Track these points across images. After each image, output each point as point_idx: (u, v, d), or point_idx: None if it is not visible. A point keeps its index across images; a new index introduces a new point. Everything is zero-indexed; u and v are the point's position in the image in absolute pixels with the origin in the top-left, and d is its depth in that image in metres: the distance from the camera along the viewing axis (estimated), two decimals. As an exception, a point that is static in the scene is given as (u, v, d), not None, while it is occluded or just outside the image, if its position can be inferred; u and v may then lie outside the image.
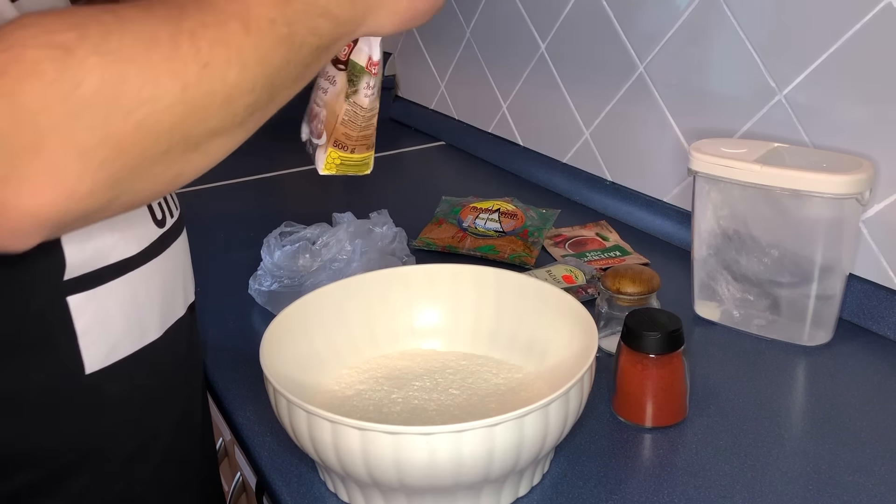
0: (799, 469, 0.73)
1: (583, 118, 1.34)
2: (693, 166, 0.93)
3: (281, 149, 1.79)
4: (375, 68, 0.68)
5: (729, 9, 1.04)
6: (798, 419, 0.81)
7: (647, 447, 0.77)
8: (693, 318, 0.98)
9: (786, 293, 0.92)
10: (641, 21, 1.19)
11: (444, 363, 0.82)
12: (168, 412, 0.70)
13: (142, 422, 0.66)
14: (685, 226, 1.14)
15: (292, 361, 0.74)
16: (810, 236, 0.88)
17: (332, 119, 0.69)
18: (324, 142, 0.71)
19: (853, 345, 0.92)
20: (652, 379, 0.77)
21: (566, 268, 1.05)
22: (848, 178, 0.84)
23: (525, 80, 1.45)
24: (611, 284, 0.87)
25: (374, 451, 0.61)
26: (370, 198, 1.39)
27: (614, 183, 1.30)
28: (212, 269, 1.12)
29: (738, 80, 1.06)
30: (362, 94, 0.68)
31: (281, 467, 0.75)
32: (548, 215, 1.25)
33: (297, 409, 0.64)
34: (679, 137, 1.17)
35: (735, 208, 0.92)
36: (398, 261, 1.05)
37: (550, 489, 0.71)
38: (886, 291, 0.93)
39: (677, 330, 0.77)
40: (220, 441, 1.01)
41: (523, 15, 1.41)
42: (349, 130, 0.70)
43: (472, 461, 0.61)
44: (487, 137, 1.58)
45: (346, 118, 0.69)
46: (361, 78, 0.68)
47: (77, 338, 0.59)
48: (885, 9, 0.87)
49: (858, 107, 0.92)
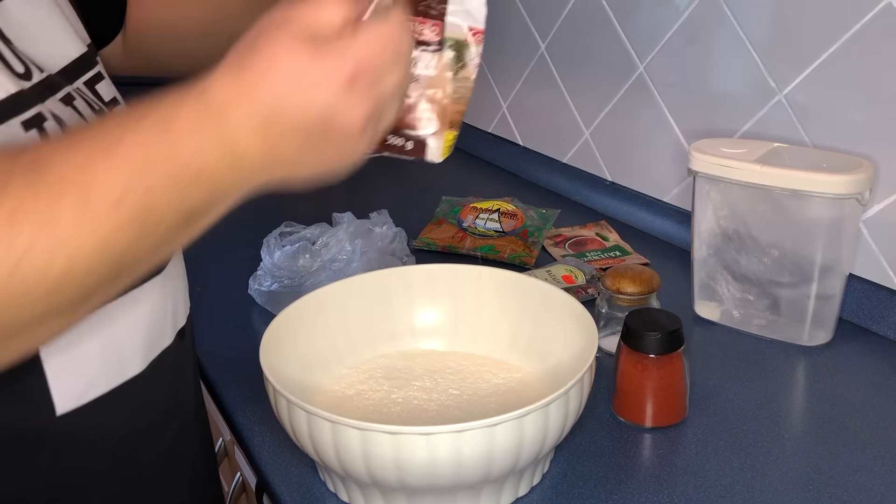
0: (799, 469, 0.73)
1: (583, 118, 1.34)
2: (693, 166, 0.93)
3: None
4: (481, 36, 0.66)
5: (729, 9, 1.04)
6: (798, 419, 0.81)
7: (647, 447, 0.77)
8: (693, 318, 0.98)
9: (786, 293, 0.92)
10: (641, 21, 1.19)
11: (444, 363, 0.82)
12: (153, 447, 0.64)
13: (123, 461, 0.61)
14: (685, 226, 1.14)
15: (292, 361, 0.74)
16: (810, 236, 0.88)
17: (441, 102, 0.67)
18: (435, 129, 0.68)
19: (853, 345, 0.92)
20: (652, 379, 0.77)
21: (566, 268, 1.05)
22: (848, 178, 0.84)
23: (525, 80, 1.45)
24: (611, 284, 0.87)
25: (374, 451, 0.61)
26: (370, 198, 1.39)
27: (614, 183, 1.30)
28: (212, 270, 1.12)
29: (738, 80, 1.06)
30: (471, 67, 0.67)
31: (281, 467, 0.75)
32: (548, 215, 1.25)
33: (297, 409, 0.64)
34: (679, 137, 1.17)
35: (735, 208, 0.92)
36: (398, 261, 1.05)
37: (550, 489, 0.71)
38: (886, 291, 0.93)
39: (677, 330, 0.77)
40: (220, 441, 1.01)
41: (523, 15, 1.41)
42: (461, 107, 0.68)
43: (472, 461, 0.61)
44: (487, 137, 1.58)
45: (456, 96, 0.67)
46: (466, 51, 0.66)
47: (46, 376, 0.53)
48: (885, 9, 0.87)
49: (858, 107, 0.92)
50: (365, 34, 0.47)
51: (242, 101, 0.45)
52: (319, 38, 0.46)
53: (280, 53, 0.45)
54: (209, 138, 0.44)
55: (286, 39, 0.45)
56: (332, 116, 0.46)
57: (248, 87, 0.45)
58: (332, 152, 0.49)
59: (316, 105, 0.46)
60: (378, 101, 0.49)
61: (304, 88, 0.45)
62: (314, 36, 0.46)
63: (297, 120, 0.46)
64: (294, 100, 0.45)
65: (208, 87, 0.45)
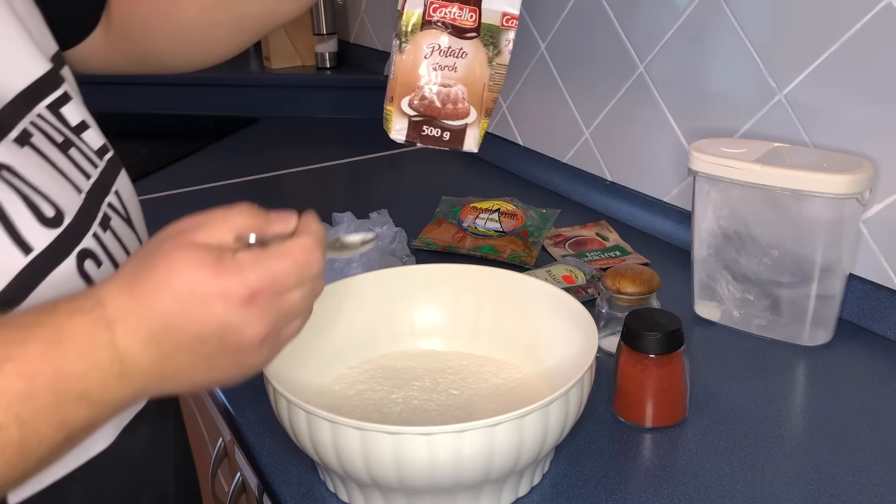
0: (799, 469, 0.73)
1: (583, 118, 1.34)
2: (693, 166, 0.93)
3: (281, 149, 1.80)
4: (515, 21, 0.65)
5: (729, 9, 1.04)
6: (798, 419, 0.81)
7: (647, 447, 0.77)
8: (693, 318, 0.98)
9: (786, 293, 0.92)
10: (641, 21, 1.19)
11: (444, 363, 0.82)
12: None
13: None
14: (685, 226, 1.14)
15: (292, 361, 0.74)
16: (810, 236, 0.88)
17: (477, 90, 0.67)
18: (474, 118, 0.68)
19: (853, 345, 0.92)
20: (652, 379, 0.77)
21: (566, 268, 1.05)
22: (848, 178, 0.84)
23: (525, 80, 1.45)
24: (611, 284, 0.87)
25: (374, 451, 0.61)
26: (370, 198, 1.39)
27: (614, 183, 1.30)
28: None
29: (738, 80, 1.06)
30: (506, 52, 0.66)
31: (281, 467, 0.75)
32: (548, 215, 1.25)
33: (297, 409, 0.64)
34: (679, 137, 1.17)
35: (735, 208, 0.92)
36: (398, 261, 1.05)
37: (550, 489, 0.71)
38: (886, 291, 0.93)
39: (677, 330, 0.77)
40: (220, 441, 1.01)
41: (523, 15, 1.41)
42: (495, 94, 0.68)
43: (472, 461, 0.61)
44: (487, 137, 1.58)
45: (492, 83, 0.67)
46: (501, 36, 0.66)
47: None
48: (885, 9, 0.87)
49: (858, 107, 0.92)
50: (272, 251, 0.47)
51: (134, 315, 0.44)
52: (222, 251, 0.46)
53: (178, 266, 0.45)
54: (98, 357, 0.43)
55: (185, 252, 0.45)
56: (229, 331, 0.46)
57: (142, 301, 0.44)
58: (228, 364, 0.48)
59: (214, 318, 0.45)
60: (279, 317, 0.48)
61: (202, 302, 0.45)
62: (217, 249, 0.46)
63: (192, 332, 0.45)
64: (191, 312, 0.45)
65: (101, 301, 0.44)
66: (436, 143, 0.70)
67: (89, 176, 0.59)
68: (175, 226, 0.48)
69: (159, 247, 0.46)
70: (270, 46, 2.05)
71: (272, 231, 0.49)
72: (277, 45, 2.06)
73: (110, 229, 0.59)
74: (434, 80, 0.68)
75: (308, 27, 2.04)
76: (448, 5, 0.66)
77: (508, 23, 0.66)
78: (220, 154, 1.75)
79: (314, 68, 2.06)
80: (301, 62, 2.09)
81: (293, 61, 2.08)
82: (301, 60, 2.09)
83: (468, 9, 0.66)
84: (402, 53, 0.69)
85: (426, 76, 0.68)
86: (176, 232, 0.47)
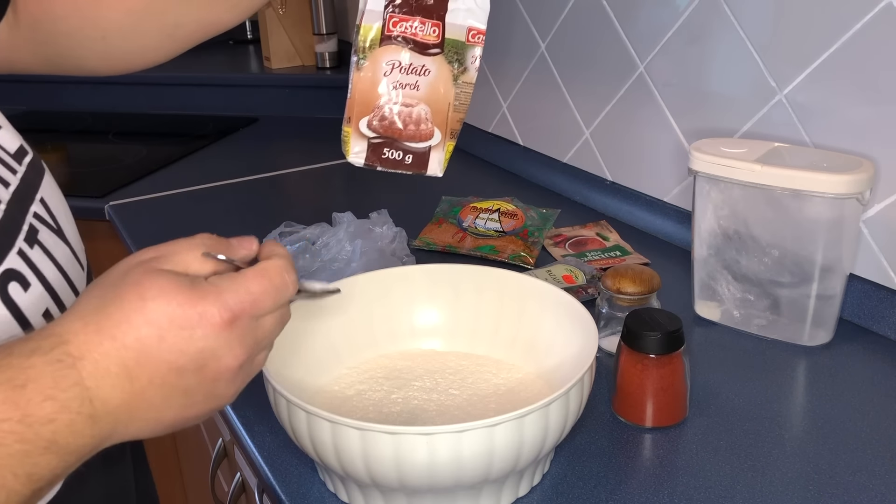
0: (799, 469, 0.73)
1: (583, 118, 1.34)
2: (693, 166, 0.93)
3: (281, 149, 1.80)
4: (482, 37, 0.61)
5: (729, 9, 1.04)
6: (798, 419, 0.81)
7: (647, 447, 0.77)
8: (693, 318, 0.98)
9: (786, 293, 0.92)
10: (641, 21, 1.19)
11: (444, 363, 0.82)
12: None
13: None
14: (685, 226, 1.14)
15: (292, 361, 0.74)
16: (811, 236, 0.88)
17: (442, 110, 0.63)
18: (438, 140, 0.64)
19: (853, 345, 0.92)
20: (652, 379, 0.77)
21: (566, 268, 1.05)
22: (848, 178, 0.84)
23: (525, 80, 1.45)
24: (611, 284, 0.87)
25: (373, 451, 0.61)
26: (370, 198, 1.39)
27: (614, 183, 1.30)
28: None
29: (738, 79, 1.06)
30: (472, 70, 0.61)
31: (281, 467, 0.75)
32: (548, 215, 1.25)
33: (297, 409, 0.64)
34: (679, 137, 1.17)
35: (735, 208, 0.92)
36: (398, 261, 1.05)
37: (550, 489, 0.71)
38: (887, 291, 0.93)
39: (677, 330, 0.77)
40: (220, 441, 1.01)
41: (523, 15, 1.41)
42: (461, 114, 0.63)
43: (472, 461, 0.61)
44: (487, 137, 1.58)
45: (457, 103, 0.62)
46: (467, 53, 0.61)
47: None
48: (885, 9, 0.87)
49: (858, 107, 0.92)
50: (248, 272, 0.45)
51: (104, 349, 0.40)
52: (194, 277, 0.43)
53: (151, 292, 0.42)
54: (66, 397, 0.39)
55: (157, 277, 0.42)
56: (210, 357, 0.43)
57: (112, 333, 0.41)
58: (202, 397, 0.45)
59: (194, 344, 0.42)
60: (256, 342, 0.46)
61: (180, 328, 0.42)
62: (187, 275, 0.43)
63: (170, 362, 0.42)
64: (168, 340, 0.42)
65: (62, 339, 0.40)
66: (397, 167, 0.65)
67: (7, 184, 0.53)
68: (136, 256, 0.45)
69: (125, 275, 0.43)
70: (270, 46, 2.05)
71: (236, 255, 0.47)
72: (277, 45, 2.06)
73: (38, 244, 0.53)
74: (394, 100, 0.63)
75: (308, 27, 2.04)
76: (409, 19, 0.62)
77: (474, 38, 0.62)
78: (220, 154, 1.75)
79: (314, 68, 2.06)
80: (301, 62, 2.09)
81: (293, 61, 2.08)
82: (301, 60, 2.09)
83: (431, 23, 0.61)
84: (359, 71, 0.64)
85: (386, 95, 0.64)
86: (140, 261, 0.44)
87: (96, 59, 0.74)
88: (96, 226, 1.44)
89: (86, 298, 0.43)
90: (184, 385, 0.43)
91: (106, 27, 0.71)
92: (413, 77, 0.62)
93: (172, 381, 0.43)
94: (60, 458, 0.40)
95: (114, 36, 0.72)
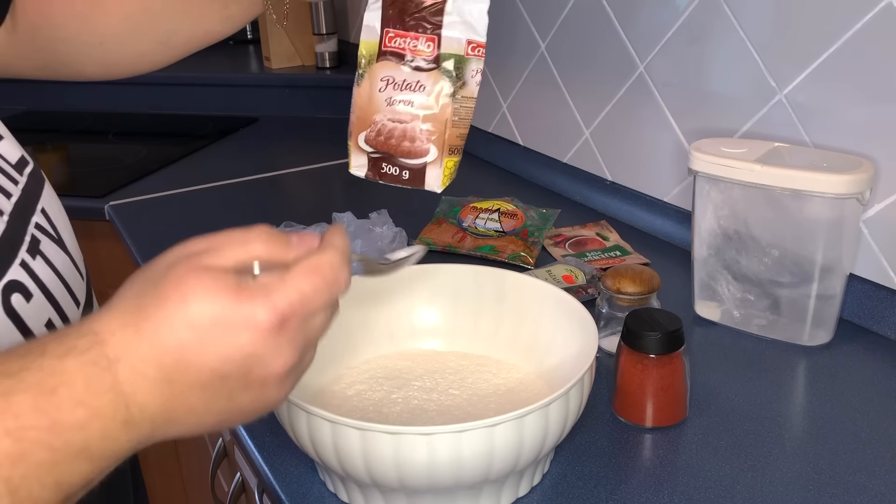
0: (799, 469, 0.73)
1: (583, 118, 1.34)
2: (693, 166, 0.93)
3: (281, 149, 1.80)
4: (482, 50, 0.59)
5: (729, 9, 1.04)
6: (798, 419, 0.81)
7: (647, 447, 0.77)
8: (693, 318, 0.98)
9: (786, 293, 0.92)
10: (641, 21, 1.19)
11: (444, 363, 0.82)
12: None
13: None
14: (685, 226, 1.14)
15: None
16: (811, 236, 0.88)
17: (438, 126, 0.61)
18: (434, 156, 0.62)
19: (853, 345, 0.92)
20: (652, 379, 0.77)
21: (566, 268, 1.05)
22: (848, 178, 0.84)
23: (525, 80, 1.45)
24: (611, 284, 0.87)
25: (374, 451, 0.61)
26: (370, 198, 1.39)
27: (614, 183, 1.30)
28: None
29: (738, 79, 1.06)
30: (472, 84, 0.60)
31: (281, 467, 0.75)
32: (548, 215, 1.25)
33: (297, 409, 0.64)
34: (679, 137, 1.17)
35: (735, 208, 0.92)
36: (398, 261, 1.05)
37: (550, 489, 0.71)
38: (887, 291, 0.93)
39: (677, 330, 0.77)
40: (220, 441, 1.01)
41: (523, 15, 1.41)
42: (462, 129, 0.62)
43: (472, 461, 0.61)
44: (487, 137, 1.58)
45: (456, 118, 0.61)
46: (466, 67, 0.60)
47: None
48: (885, 9, 0.87)
49: (858, 107, 0.92)
50: (298, 269, 0.42)
51: (142, 352, 0.38)
52: (241, 275, 0.41)
53: (194, 292, 0.39)
54: (100, 403, 0.37)
55: (201, 276, 0.40)
56: (256, 363, 0.40)
57: (151, 334, 0.38)
58: (248, 402, 0.42)
59: (240, 350, 0.40)
60: (306, 343, 0.43)
61: (225, 332, 0.39)
62: (235, 273, 0.40)
63: (212, 369, 0.39)
64: (212, 345, 0.39)
65: (99, 338, 0.38)
66: (396, 182, 0.65)
67: (10, 195, 0.52)
68: (183, 248, 0.42)
69: (168, 272, 0.40)
70: (270, 46, 2.05)
71: (292, 257, 0.44)
72: (277, 45, 2.06)
73: (40, 254, 0.52)
74: (388, 116, 0.63)
75: (308, 27, 2.04)
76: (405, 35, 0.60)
77: (475, 51, 0.60)
78: (220, 154, 1.75)
79: (314, 68, 2.06)
80: (301, 62, 2.09)
81: (293, 61, 2.09)
82: (301, 60, 2.09)
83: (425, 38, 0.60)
84: (359, 86, 0.63)
85: (381, 111, 0.63)
86: (186, 254, 0.41)
87: (94, 64, 0.74)
88: (96, 226, 1.44)
89: (126, 292, 0.41)
90: (228, 390, 0.41)
91: (104, 33, 0.71)
92: (407, 94, 0.61)
93: (216, 386, 0.40)
94: (93, 464, 0.38)
95: (111, 42, 0.72)
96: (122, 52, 0.73)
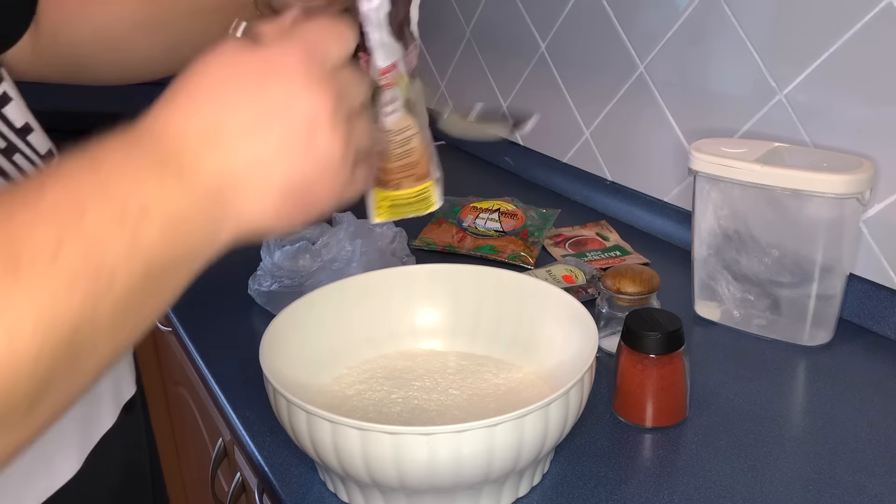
0: (799, 469, 0.73)
1: (583, 118, 1.34)
2: (693, 166, 0.93)
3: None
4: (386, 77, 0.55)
5: (729, 9, 1.04)
6: (798, 419, 0.81)
7: (647, 447, 0.77)
8: (693, 318, 0.98)
9: (786, 293, 0.92)
10: (641, 21, 1.19)
11: (444, 363, 0.82)
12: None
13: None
14: (685, 226, 1.14)
15: (292, 361, 0.74)
16: (811, 236, 0.88)
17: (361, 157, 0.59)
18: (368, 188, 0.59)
19: (853, 345, 0.92)
20: (652, 379, 0.77)
21: (566, 268, 1.05)
22: (848, 178, 0.84)
23: (525, 80, 1.45)
24: (611, 284, 0.87)
25: (374, 451, 0.61)
26: (370, 198, 1.39)
27: (614, 183, 1.30)
28: (211, 269, 1.12)
29: (738, 79, 1.06)
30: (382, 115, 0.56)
31: (281, 467, 0.75)
32: (548, 215, 1.25)
33: (297, 409, 0.64)
34: (679, 137, 1.17)
35: (735, 208, 0.92)
36: (398, 261, 1.05)
37: (550, 489, 0.71)
38: (887, 291, 0.93)
39: (677, 330, 0.77)
40: (220, 441, 1.01)
41: (523, 15, 1.41)
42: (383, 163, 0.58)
43: (472, 461, 0.61)
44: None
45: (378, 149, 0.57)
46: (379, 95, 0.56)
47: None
48: (885, 9, 0.87)
49: (858, 107, 0.92)
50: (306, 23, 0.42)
51: (181, 112, 0.39)
52: (260, 38, 0.42)
53: (212, 56, 0.40)
54: (146, 165, 0.37)
55: (226, 51, 0.41)
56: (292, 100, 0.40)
57: (182, 100, 0.39)
58: (304, 151, 0.41)
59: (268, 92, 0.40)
60: (340, 96, 0.41)
61: (248, 73, 0.40)
62: (256, 39, 0.42)
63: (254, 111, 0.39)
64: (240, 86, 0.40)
65: (142, 121, 0.39)
66: None
67: None
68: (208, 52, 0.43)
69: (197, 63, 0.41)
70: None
71: None
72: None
73: None
74: None
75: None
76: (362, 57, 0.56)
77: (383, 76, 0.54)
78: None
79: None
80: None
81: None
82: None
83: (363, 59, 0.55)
84: None
85: None
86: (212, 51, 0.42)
87: (109, 70, 0.76)
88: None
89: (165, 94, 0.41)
90: (277, 135, 0.40)
91: (115, 39, 0.73)
92: None
93: (263, 128, 0.39)
94: (162, 232, 0.36)
95: (123, 48, 0.74)
96: (133, 58, 0.75)
